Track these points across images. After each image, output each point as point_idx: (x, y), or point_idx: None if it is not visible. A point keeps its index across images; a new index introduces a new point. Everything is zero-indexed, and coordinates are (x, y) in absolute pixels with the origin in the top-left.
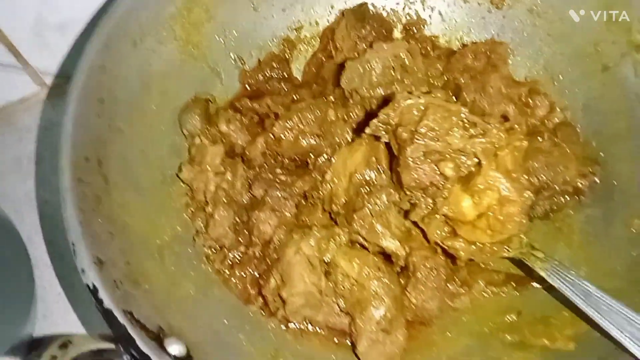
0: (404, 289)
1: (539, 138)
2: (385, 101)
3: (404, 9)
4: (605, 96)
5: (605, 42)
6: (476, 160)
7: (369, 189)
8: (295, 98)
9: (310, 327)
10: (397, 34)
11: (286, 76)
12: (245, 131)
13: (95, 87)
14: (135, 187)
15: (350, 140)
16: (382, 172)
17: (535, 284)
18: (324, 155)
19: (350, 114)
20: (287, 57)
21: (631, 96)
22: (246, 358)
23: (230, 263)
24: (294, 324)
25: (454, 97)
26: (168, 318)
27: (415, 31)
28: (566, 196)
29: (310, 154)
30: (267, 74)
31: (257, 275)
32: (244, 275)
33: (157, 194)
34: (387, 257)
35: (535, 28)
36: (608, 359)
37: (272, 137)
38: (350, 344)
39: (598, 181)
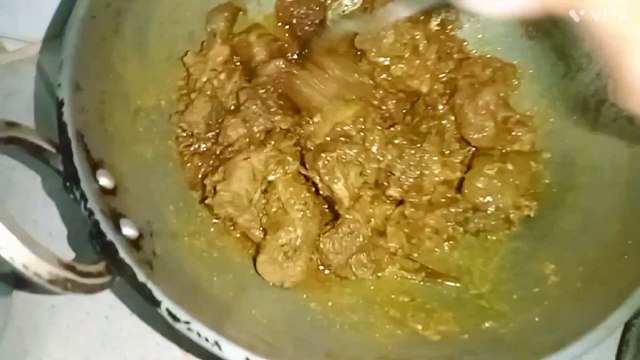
0: (321, 233)
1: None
2: None
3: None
4: (585, 152)
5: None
6: None
7: (346, 141)
8: None
9: (232, 230)
10: (433, 25)
11: (318, 22)
12: (268, 50)
13: None
14: (140, 49)
15: None
16: (362, 133)
17: (449, 283)
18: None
19: None
20: (326, 2)
21: (604, 158)
22: (167, 225)
23: (194, 150)
24: (219, 221)
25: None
26: (113, 160)
27: (450, 29)
28: (498, 222)
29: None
30: (302, 12)
31: (210, 169)
32: (200, 165)
33: (157, 66)
34: (329, 206)
35: (554, 68)
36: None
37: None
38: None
39: (532, 215)
